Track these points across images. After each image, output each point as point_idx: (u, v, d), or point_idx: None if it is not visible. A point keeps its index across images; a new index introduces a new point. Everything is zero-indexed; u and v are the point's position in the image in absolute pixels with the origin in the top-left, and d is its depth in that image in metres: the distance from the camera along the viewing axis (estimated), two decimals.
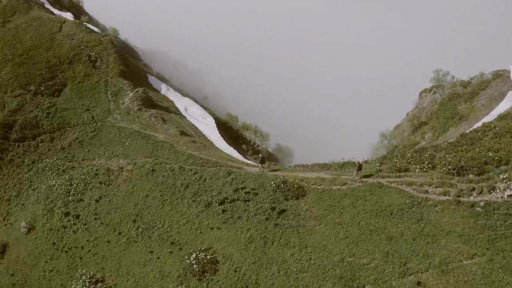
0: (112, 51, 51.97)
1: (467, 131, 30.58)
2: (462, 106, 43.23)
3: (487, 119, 34.00)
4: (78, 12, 72.34)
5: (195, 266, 25.54)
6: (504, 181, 21.71)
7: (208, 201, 29.50)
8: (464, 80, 48.10)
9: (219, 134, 42.99)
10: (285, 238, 24.81)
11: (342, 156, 32.79)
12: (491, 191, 22.08)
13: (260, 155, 33.43)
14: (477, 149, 25.04)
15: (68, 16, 63.71)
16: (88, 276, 28.41)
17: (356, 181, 26.09)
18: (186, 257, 26.44)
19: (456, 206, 21.96)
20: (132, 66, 54.69)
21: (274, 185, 28.14)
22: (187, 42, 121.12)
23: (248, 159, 41.08)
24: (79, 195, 35.33)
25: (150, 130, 40.75)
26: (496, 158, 23.35)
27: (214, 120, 46.91)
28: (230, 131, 52.31)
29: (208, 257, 25.82)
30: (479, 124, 32.61)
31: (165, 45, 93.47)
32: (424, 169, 25.18)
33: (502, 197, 21.60)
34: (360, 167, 26.85)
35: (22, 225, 35.04)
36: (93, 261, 30.08)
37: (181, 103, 49.91)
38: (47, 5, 65.28)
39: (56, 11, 65.10)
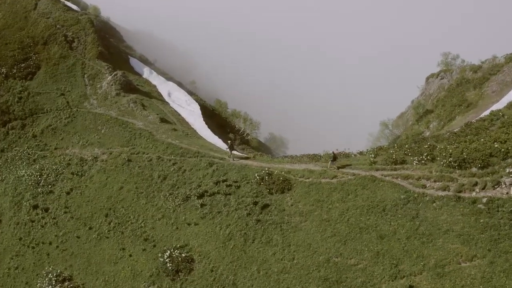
0: (91, 31, 50.40)
1: (473, 120, 29.26)
2: (470, 92, 41.80)
3: (497, 106, 32.67)
4: None
5: (168, 265, 24.93)
6: (511, 175, 20.64)
7: (186, 194, 28.72)
8: (474, 64, 46.49)
9: (204, 122, 41.86)
10: (267, 236, 24.14)
11: (341, 147, 31.65)
12: (496, 186, 21.21)
13: (229, 141, 32.73)
14: (482, 139, 23.86)
15: None
16: (54, 274, 27.84)
17: (332, 171, 25.71)
18: (160, 255, 25.80)
19: (456, 203, 21.11)
20: (112, 48, 53.15)
21: (258, 177, 27.21)
22: (177, 23, 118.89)
23: (235, 149, 39.91)
24: (49, 186, 34.47)
25: (128, 116, 39.62)
26: (503, 149, 22.29)
27: (199, 107, 45.71)
28: (217, 118, 51.19)
29: (183, 255, 25.17)
30: (487, 112, 31.22)
31: (153, 25, 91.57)
32: (423, 162, 24.17)
33: (507, 193, 20.73)
34: (334, 157, 26.35)
35: None
36: (61, 258, 29.46)
37: (164, 87, 48.63)
38: None
39: None
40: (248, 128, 51.46)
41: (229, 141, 32.42)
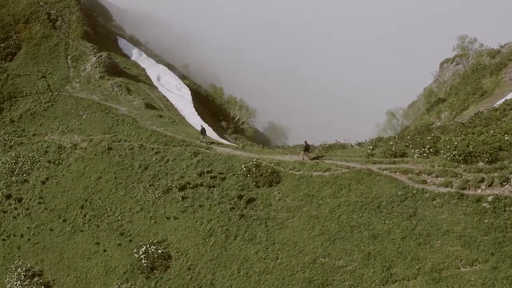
0: (76, 9, 49.72)
1: (484, 110, 27.97)
2: (487, 79, 40.22)
3: None
4: None
5: (143, 262, 24.62)
6: None
7: (167, 186, 28.33)
8: (493, 48, 44.71)
9: (194, 108, 41.10)
10: (251, 232, 23.65)
11: (342, 138, 30.87)
12: (504, 183, 20.17)
13: (201, 125, 32.94)
14: (491, 131, 22.65)
15: None
16: (24, 269, 27.69)
17: (306, 162, 25.67)
18: (135, 251, 25.41)
19: (459, 201, 20.17)
20: (99, 27, 52.39)
21: (244, 169, 26.49)
22: (174, 1, 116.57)
23: (226, 139, 39.23)
24: (24, 175, 34.30)
25: (111, 101, 39.11)
26: None
27: (190, 92, 44.88)
28: (210, 105, 50.48)
29: (160, 251, 24.82)
30: (502, 101, 29.86)
31: (147, 3, 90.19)
32: (425, 155, 23.13)
33: None
34: (307, 148, 26.01)
35: None
36: (33, 252, 29.36)
37: (153, 71, 47.91)
38: None
39: None
40: (243, 116, 50.58)
41: (201, 125, 32.81)
